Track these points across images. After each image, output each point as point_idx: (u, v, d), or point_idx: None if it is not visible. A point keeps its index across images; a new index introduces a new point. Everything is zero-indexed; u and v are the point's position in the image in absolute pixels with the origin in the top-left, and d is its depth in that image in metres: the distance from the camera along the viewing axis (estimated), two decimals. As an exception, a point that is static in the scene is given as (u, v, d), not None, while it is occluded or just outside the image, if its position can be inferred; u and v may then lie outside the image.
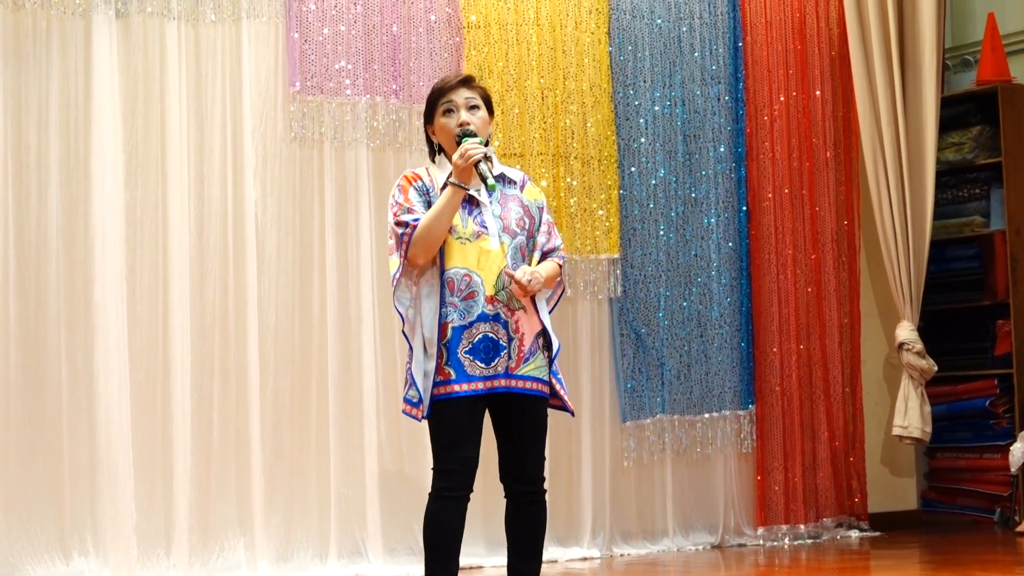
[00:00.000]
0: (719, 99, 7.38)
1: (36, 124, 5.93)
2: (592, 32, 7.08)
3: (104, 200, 5.97)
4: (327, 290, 6.40)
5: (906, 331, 7.63)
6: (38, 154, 5.92)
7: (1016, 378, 7.75)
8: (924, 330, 7.76)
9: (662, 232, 7.21)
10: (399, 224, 4.15)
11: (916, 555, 7.03)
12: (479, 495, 4.40)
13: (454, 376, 4.10)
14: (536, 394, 4.19)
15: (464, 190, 4.13)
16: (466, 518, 4.20)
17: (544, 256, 4.31)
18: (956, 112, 8.10)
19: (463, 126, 4.22)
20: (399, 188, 4.24)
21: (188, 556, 6.04)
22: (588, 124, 7.03)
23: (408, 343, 4.16)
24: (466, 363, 4.11)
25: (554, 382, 4.28)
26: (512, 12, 6.86)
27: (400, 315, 4.17)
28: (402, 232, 4.14)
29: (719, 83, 7.38)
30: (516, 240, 4.21)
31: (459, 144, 4.17)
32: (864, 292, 7.83)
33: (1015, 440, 7.52)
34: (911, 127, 7.61)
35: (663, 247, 7.20)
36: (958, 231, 8.10)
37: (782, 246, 7.47)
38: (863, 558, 6.87)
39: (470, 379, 4.11)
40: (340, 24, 6.47)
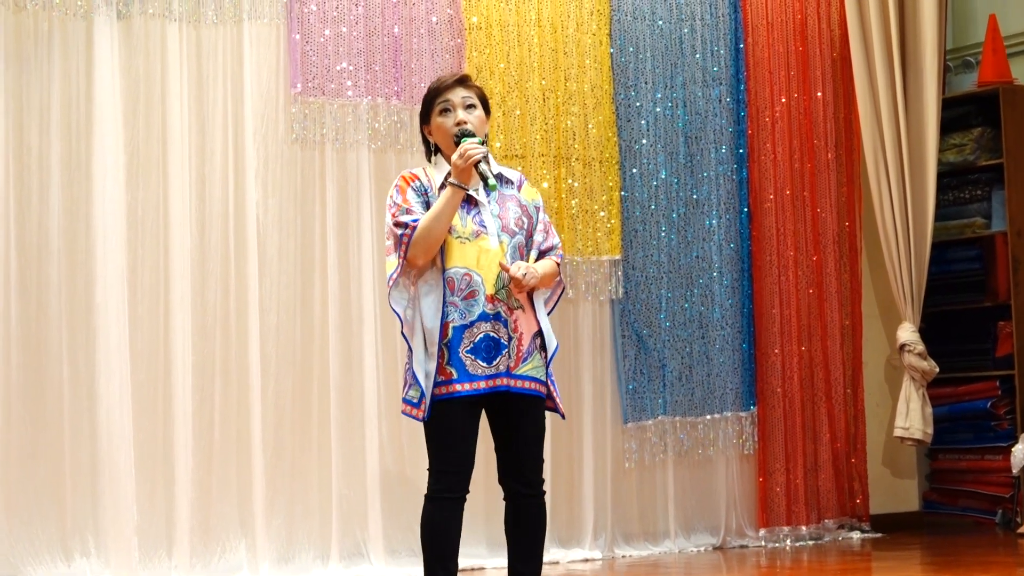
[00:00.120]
0: (720, 100, 7.37)
1: (38, 125, 5.93)
2: (593, 33, 7.08)
3: (105, 201, 5.97)
4: (328, 291, 6.40)
5: (907, 332, 7.63)
6: (39, 155, 5.93)
7: (1017, 379, 7.74)
8: (925, 331, 7.75)
9: (663, 233, 7.20)
10: (398, 225, 4.12)
11: (918, 556, 7.03)
12: (480, 496, 4.40)
13: (456, 376, 4.07)
14: (534, 394, 4.17)
15: (464, 190, 4.10)
16: (468, 519, 4.18)
17: (542, 255, 4.27)
18: (957, 113, 8.10)
19: (460, 125, 4.18)
20: (397, 189, 4.21)
21: (189, 557, 6.04)
22: (589, 125, 7.02)
23: (407, 344, 4.13)
24: (468, 363, 4.08)
25: (548, 383, 4.25)
26: (513, 13, 6.86)
27: (398, 316, 4.14)
28: (401, 233, 4.11)
29: (720, 84, 7.38)
30: (515, 239, 4.19)
31: (458, 144, 4.13)
32: (865, 293, 7.83)
33: (1016, 441, 7.51)
34: (912, 128, 7.61)
35: (664, 248, 7.20)
36: (959, 232, 8.10)
37: (783, 247, 7.47)
38: (865, 559, 6.86)
39: (472, 379, 4.08)
40: (341, 25, 6.47)
